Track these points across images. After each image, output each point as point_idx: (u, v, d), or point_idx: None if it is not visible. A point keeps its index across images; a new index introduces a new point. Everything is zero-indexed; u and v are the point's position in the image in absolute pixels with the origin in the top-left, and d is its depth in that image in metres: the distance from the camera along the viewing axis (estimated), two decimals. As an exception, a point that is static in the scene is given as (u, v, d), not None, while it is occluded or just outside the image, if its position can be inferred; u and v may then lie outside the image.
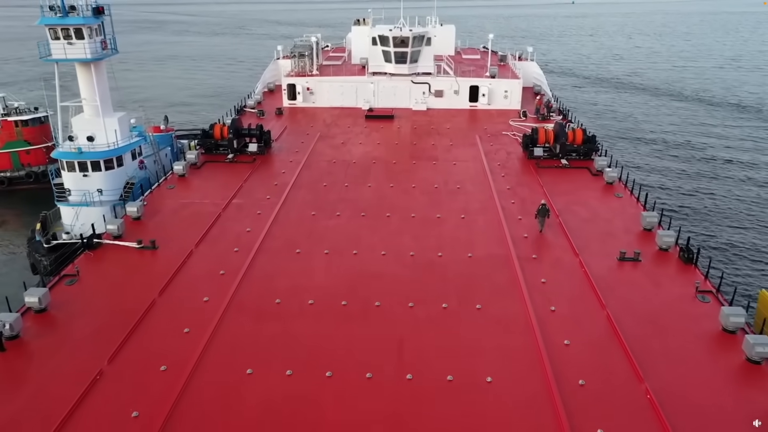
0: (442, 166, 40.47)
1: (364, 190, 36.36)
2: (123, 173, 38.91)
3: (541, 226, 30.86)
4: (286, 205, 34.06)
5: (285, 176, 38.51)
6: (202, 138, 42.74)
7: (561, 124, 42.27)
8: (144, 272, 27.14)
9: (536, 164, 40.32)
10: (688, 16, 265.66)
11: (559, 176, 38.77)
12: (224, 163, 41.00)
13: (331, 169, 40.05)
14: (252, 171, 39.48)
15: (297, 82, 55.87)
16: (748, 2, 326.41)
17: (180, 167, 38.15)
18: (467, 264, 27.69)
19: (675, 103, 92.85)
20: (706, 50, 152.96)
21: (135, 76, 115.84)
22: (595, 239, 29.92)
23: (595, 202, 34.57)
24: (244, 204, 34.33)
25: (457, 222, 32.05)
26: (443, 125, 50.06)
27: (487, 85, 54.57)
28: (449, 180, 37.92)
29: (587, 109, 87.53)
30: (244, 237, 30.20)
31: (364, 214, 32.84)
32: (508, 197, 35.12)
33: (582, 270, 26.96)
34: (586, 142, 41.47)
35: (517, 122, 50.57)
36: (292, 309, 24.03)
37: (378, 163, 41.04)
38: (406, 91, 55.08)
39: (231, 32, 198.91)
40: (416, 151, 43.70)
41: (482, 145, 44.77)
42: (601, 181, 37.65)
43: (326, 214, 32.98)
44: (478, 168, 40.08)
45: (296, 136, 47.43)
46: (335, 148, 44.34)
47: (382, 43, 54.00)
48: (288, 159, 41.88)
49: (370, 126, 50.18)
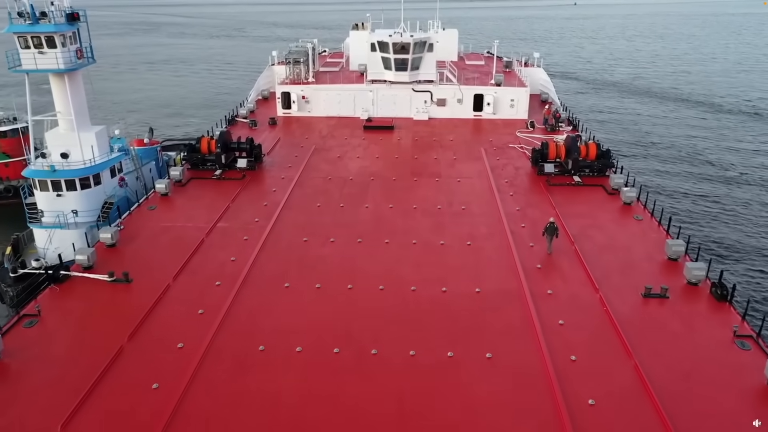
0: (445, 184, 37.63)
1: (361, 212, 33.53)
2: (101, 192, 35.99)
3: (550, 245, 28.45)
4: (276, 230, 31.22)
5: (276, 195, 35.68)
6: (189, 152, 39.92)
7: (573, 137, 39.44)
8: (114, 311, 24.26)
9: (547, 181, 37.49)
10: (689, 18, 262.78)
11: (572, 195, 35.93)
12: (211, 179, 38.18)
13: (326, 186, 37.21)
14: (241, 189, 36.66)
15: (292, 90, 53.02)
16: (748, 3, 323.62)
17: (162, 186, 35.29)
18: (475, 301, 24.83)
19: (684, 109, 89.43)
20: (710, 53, 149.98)
21: (125, 80, 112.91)
22: (616, 270, 27.08)
23: (613, 226, 31.73)
24: (230, 228, 31.49)
25: (462, 249, 29.20)
26: (446, 137, 47.22)
27: (492, 93, 51.72)
28: (453, 199, 35.08)
29: (592, 116, 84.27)
30: (228, 267, 27.35)
31: (360, 240, 30.00)
32: (518, 220, 32.28)
33: (603, 309, 24.12)
34: (600, 157, 38.64)
35: (525, 133, 47.72)
36: (278, 358, 21.18)
37: (376, 180, 38.20)
38: (406, 99, 52.24)
39: (227, 34, 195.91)
40: (417, 166, 40.86)
41: (488, 159, 41.93)
42: (617, 201, 34.81)
43: (319, 239, 30.14)
44: (485, 186, 37.24)
45: (290, 149, 44.60)
46: (331, 163, 41.50)
47: (381, 49, 51.16)
48: (280, 175, 39.03)
49: (369, 137, 47.35)
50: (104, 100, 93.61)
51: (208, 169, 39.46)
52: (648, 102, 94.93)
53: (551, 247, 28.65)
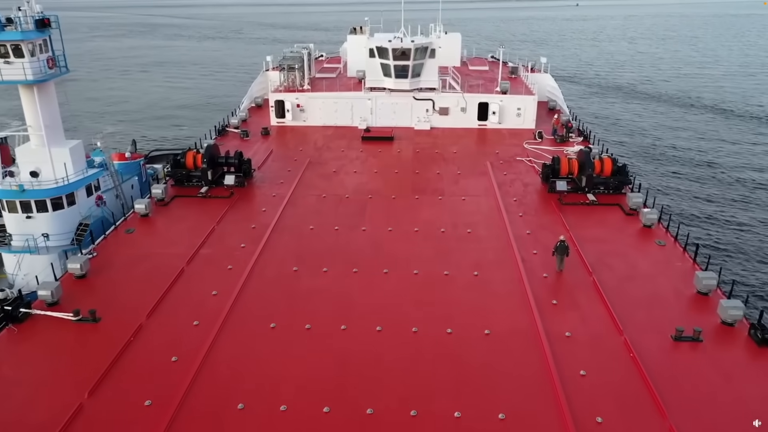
0: (449, 203, 34.84)
1: (357, 236, 30.73)
2: (75, 213, 33.18)
3: (560, 265, 26.61)
4: (264, 257, 28.42)
5: (265, 216, 32.88)
6: (173, 168, 37.13)
7: (586, 151, 36.64)
8: (76, 359, 21.46)
9: (558, 199, 34.72)
10: (691, 19, 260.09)
11: (587, 216, 33.15)
12: (197, 198, 35.38)
13: (320, 206, 34.42)
14: (228, 208, 33.87)
15: (286, 98, 50.19)
16: (748, 3, 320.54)
17: (142, 206, 32.48)
18: (484, 346, 22.04)
19: (694, 115, 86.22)
20: (714, 56, 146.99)
21: (116, 85, 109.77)
22: (640, 307, 24.29)
23: (634, 253, 28.93)
24: (214, 255, 28.69)
25: (469, 281, 26.40)
26: (449, 149, 44.41)
27: (497, 101, 48.91)
28: (458, 221, 32.28)
29: (597, 122, 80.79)
30: (209, 303, 24.55)
31: (356, 269, 27.19)
32: (529, 245, 29.48)
33: (629, 355, 21.33)
34: (615, 174, 35.83)
35: (533, 145, 44.92)
36: (259, 421, 18.39)
37: (375, 198, 35.40)
38: (407, 108, 49.44)
39: (224, 36, 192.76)
40: (419, 182, 38.06)
41: (494, 174, 39.13)
42: (636, 222, 32.03)
43: (311, 269, 27.35)
44: (492, 205, 34.45)
45: (283, 162, 41.80)
46: (326, 178, 38.70)
47: (380, 55, 48.35)
48: (271, 192, 36.23)
49: (367, 149, 44.55)
50: (92, 107, 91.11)
51: (193, 186, 36.72)
52: (654, 107, 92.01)
53: (562, 265, 26.66)
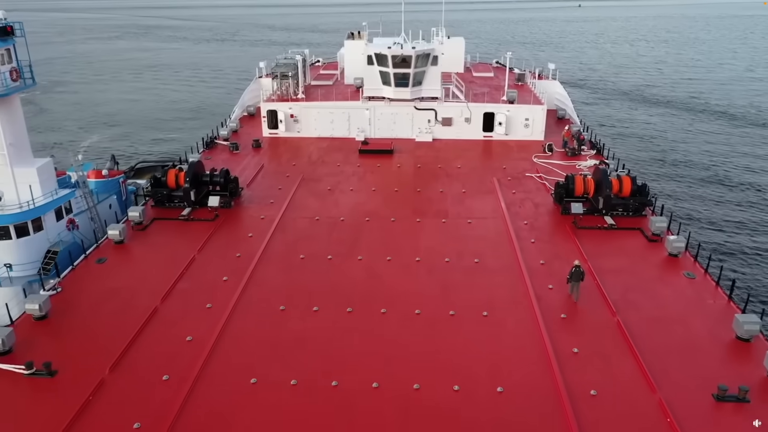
0: (453, 226, 31.86)
1: (352, 266, 27.75)
2: (43, 239, 30.19)
3: (575, 293, 24.64)
4: (248, 293, 25.44)
5: (252, 243, 29.90)
6: (153, 187, 34.18)
7: (603, 169, 33.64)
8: (24, 423, 18.50)
9: (573, 223, 31.75)
10: (693, 21, 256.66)
11: (605, 242, 30.19)
12: (178, 220, 32.42)
13: (312, 230, 31.44)
14: (212, 232, 30.92)
15: (278, 108, 47.21)
16: (748, 4, 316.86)
17: (116, 232, 29.48)
18: (497, 407, 19.07)
19: (705, 123, 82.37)
20: (718, 58, 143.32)
21: (107, 90, 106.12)
22: (674, 357, 21.32)
23: (661, 288, 25.93)
24: (192, 290, 25.72)
25: (477, 324, 23.41)
26: (453, 163, 41.44)
27: (504, 111, 45.92)
28: (464, 248, 29.29)
29: (603, 131, 76.34)
30: (182, 352, 21.57)
31: (350, 308, 24.21)
32: (543, 278, 26.50)
33: (666, 420, 18.35)
34: (635, 194, 32.90)
35: (542, 159, 41.94)
36: None
37: (372, 221, 32.43)
38: (407, 119, 46.50)
39: (220, 39, 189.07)
40: (420, 202, 35.08)
41: (502, 192, 36.16)
42: (660, 250, 29.05)
43: (300, 308, 24.37)
44: (500, 229, 31.46)
45: (273, 179, 38.85)
46: (320, 198, 35.74)
47: (379, 62, 45.36)
48: (259, 215, 33.26)
49: (365, 164, 41.58)
50: (79, 113, 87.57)
51: (176, 207, 33.78)
52: (662, 113, 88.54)
53: (578, 294, 24.60)
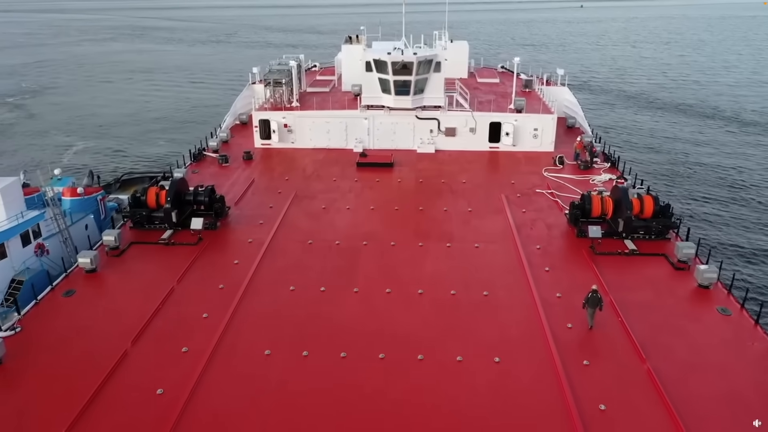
0: (459, 252, 29.06)
1: (347, 300, 24.96)
2: (7, 267, 27.45)
3: (591, 319, 22.76)
4: (229, 333, 22.66)
5: (237, 271, 27.11)
6: (132, 207, 31.43)
7: (623, 188, 30.80)
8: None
9: (591, 247, 28.96)
10: (695, 21, 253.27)
11: (627, 270, 27.41)
12: (158, 244, 29.67)
13: (305, 256, 28.66)
14: (194, 259, 28.16)
15: (271, 117, 44.43)
16: (748, 4, 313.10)
17: (87, 259, 26.70)
18: None
19: (715, 129, 79.26)
20: (723, 60, 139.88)
21: (96, 94, 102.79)
22: (714, 412, 18.59)
23: (693, 327, 23.14)
24: (168, 329, 22.95)
25: (488, 372, 20.63)
26: (457, 177, 38.64)
27: (512, 121, 43.12)
28: (471, 279, 26.50)
29: (609, 139, 72.67)
30: (152, 408, 18.80)
31: (344, 354, 21.43)
32: (560, 314, 23.71)
33: None
34: (658, 215, 30.11)
35: (553, 172, 39.17)
36: None
37: (370, 245, 29.65)
38: (408, 129, 43.73)
39: (217, 40, 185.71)
40: (423, 223, 32.29)
41: (511, 210, 33.39)
42: (689, 280, 26.26)
43: (286, 351, 21.61)
44: (511, 254, 28.67)
45: (264, 196, 36.11)
46: (314, 218, 32.99)
47: (378, 69, 42.56)
48: (247, 238, 30.48)
49: (363, 178, 38.81)
50: (66, 118, 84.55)
51: (157, 229, 31.04)
52: (670, 118, 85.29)
53: (593, 320, 22.76)
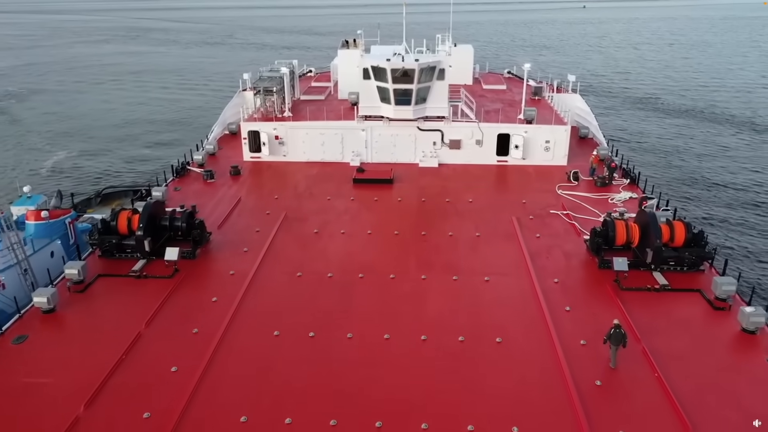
0: (467, 286, 25.75)
1: (340, 350, 21.64)
2: (-48, 307, 24.24)
3: (614, 358, 20.34)
4: (201, 393, 19.35)
5: (215, 312, 23.79)
6: (101, 234, 28.14)
7: (650, 213, 27.45)
8: None
9: (616, 282, 25.65)
10: (698, 22, 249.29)
11: (658, 309, 24.12)
12: (129, 277, 26.38)
13: (293, 292, 25.39)
14: (167, 296, 24.84)
15: (261, 128, 41.13)
16: (750, 5, 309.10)
17: (43, 299, 23.41)
18: None
19: (731, 136, 75.37)
20: (729, 63, 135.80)
21: (84, 98, 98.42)
22: None
23: (743, 383, 19.85)
24: (129, 388, 19.64)
25: None
26: (463, 196, 35.37)
27: (521, 133, 39.83)
28: (482, 321, 23.20)
29: (619, 149, 69.03)
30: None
31: (334, 422, 18.12)
32: (588, 368, 20.43)
33: None
34: (690, 244, 26.81)
35: (567, 190, 35.90)
36: None
37: (367, 278, 26.36)
38: (410, 141, 40.46)
39: (214, 41, 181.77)
40: (426, 251, 28.98)
41: (524, 235, 30.10)
42: (730, 321, 22.99)
43: (267, 419, 18.32)
44: (526, 290, 25.36)
45: (251, 218, 32.85)
46: (304, 244, 29.70)
47: (377, 76, 39.28)
48: (228, 269, 27.17)
49: (360, 196, 35.55)
50: (49, 125, 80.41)
51: (130, 258, 27.79)
52: (681, 124, 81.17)
53: (615, 360, 20.35)
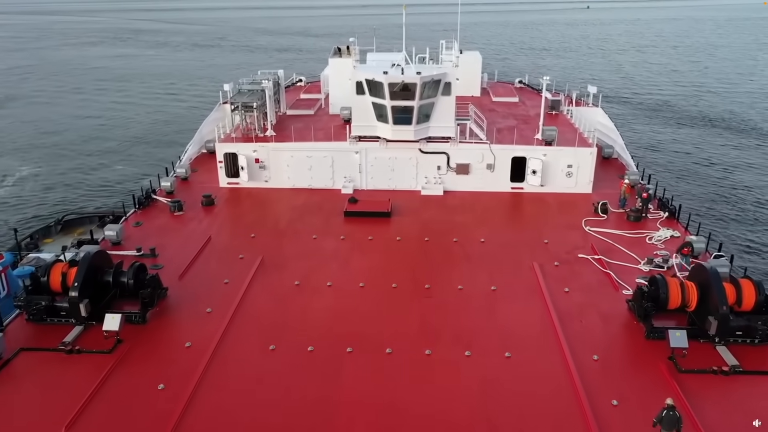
0: (483, 365, 20.32)
1: None
2: None
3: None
4: None
5: (159, 407, 18.34)
6: (29, 293, 22.76)
7: (712, 270, 22.00)
8: None
9: (671, 360, 20.29)
10: (702, 23, 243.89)
11: (730, 400, 18.80)
12: (58, 352, 20.97)
13: (263, 374, 19.97)
14: (101, 380, 19.42)
15: (240, 149, 35.75)
16: (749, 5, 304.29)
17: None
18: None
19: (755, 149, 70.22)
20: (738, 67, 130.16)
21: (60, 107, 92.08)
22: None
23: None
24: None
25: None
26: (474, 233, 30.01)
27: (539, 156, 34.53)
28: (504, 420, 17.82)
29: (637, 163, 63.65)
30: None
31: None
32: None
33: None
34: (761, 308, 21.47)
35: (595, 225, 30.59)
36: None
37: (357, 353, 20.95)
38: (410, 165, 35.16)
39: (204, 44, 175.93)
40: (431, 313, 23.49)
41: (549, 289, 24.74)
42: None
43: None
44: (558, 372, 19.95)
45: (221, 263, 27.44)
46: (281, 301, 24.32)
47: (372, 91, 33.94)
48: (185, 339, 21.73)
49: (352, 234, 30.18)
50: (19, 136, 74.62)
51: (63, 322, 22.41)
52: (700, 134, 75.94)
53: None
